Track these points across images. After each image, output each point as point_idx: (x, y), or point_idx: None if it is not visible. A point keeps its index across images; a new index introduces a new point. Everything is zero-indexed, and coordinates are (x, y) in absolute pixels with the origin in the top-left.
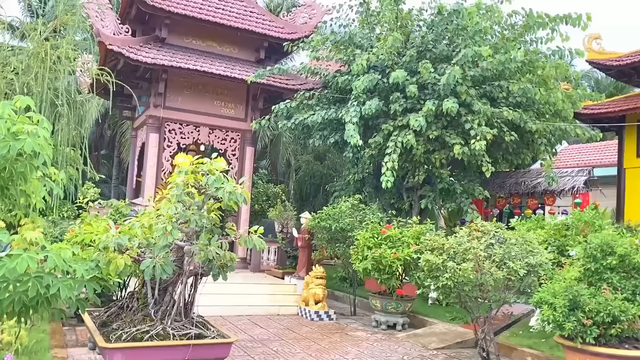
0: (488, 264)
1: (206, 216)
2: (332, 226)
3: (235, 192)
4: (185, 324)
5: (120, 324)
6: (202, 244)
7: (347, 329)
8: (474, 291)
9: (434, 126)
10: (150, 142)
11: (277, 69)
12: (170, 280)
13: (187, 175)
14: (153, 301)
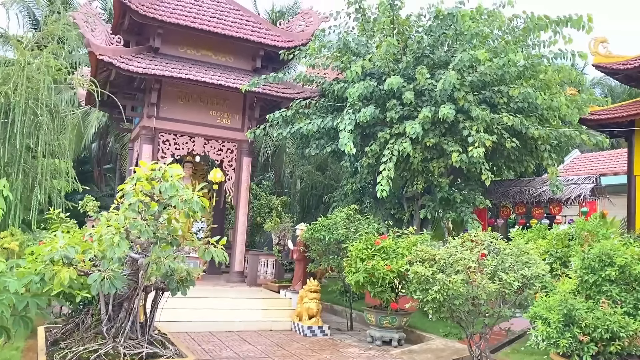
0: (480, 276)
1: (166, 226)
2: (326, 237)
3: (190, 200)
4: (141, 342)
5: (69, 342)
6: (155, 256)
7: (340, 345)
8: (466, 305)
9: (431, 133)
10: (144, 154)
11: (273, 77)
12: (126, 295)
13: (139, 182)
14: (107, 317)
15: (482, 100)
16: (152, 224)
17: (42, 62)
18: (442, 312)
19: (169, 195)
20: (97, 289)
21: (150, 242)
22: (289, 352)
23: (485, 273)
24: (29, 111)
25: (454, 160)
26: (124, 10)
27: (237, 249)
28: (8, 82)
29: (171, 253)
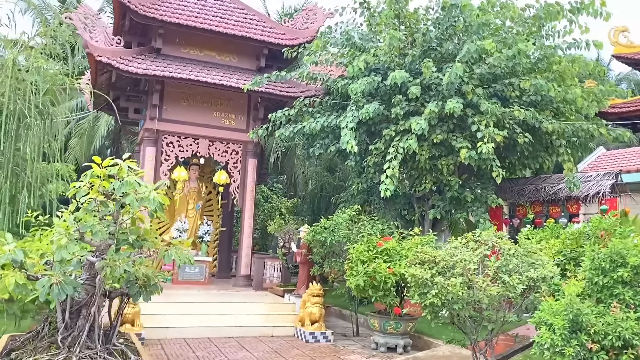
0: (481, 278)
1: (128, 227)
2: (328, 239)
3: (146, 197)
4: (101, 351)
5: (20, 352)
6: (109, 259)
7: (342, 352)
8: (467, 310)
9: (438, 130)
10: (147, 156)
11: (276, 75)
12: (84, 301)
13: (93, 179)
14: (63, 325)
15: (492, 94)
16: (108, 225)
17: (31, 62)
18: (441, 317)
19: (124, 193)
20: (45, 295)
21: (107, 244)
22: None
23: (486, 275)
24: (18, 112)
25: (462, 157)
26: (124, 11)
27: (243, 253)
28: None
29: (126, 256)
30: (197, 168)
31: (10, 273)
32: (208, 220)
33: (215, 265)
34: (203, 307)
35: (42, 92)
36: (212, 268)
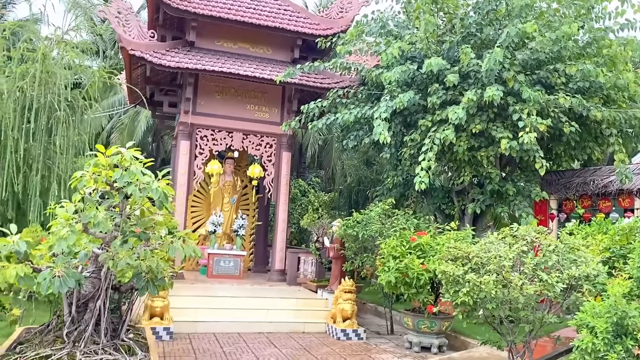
0: (517, 276)
1: (137, 218)
2: (360, 234)
3: (149, 187)
4: (106, 347)
5: (27, 346)
6: (112, 251)
7: (373, 350)
8: (501, 309)
9: (477, 119)
10: (181, 150)
11: (309, 66)
12: (91, 294)
13: (95, 169)
14: (70, 319)
15: (536, 81)
16: (111, 216)
17: (61, 56)
18: (474, 316)
19: (125, 183)
20: (47, 288)
21: (113, 236)
22: (314, 358)
23: (522, 272)
24: (48, 105)
25: (503, 148)
26: (157, 5)
27: (277, 247)
28: (27, 77)
29: (129, 248)
30: (232, 162)
31: (12, 265)
32: (243, 214)
33: (251, 259)
34: (234, 301)
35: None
36: (249, 262)
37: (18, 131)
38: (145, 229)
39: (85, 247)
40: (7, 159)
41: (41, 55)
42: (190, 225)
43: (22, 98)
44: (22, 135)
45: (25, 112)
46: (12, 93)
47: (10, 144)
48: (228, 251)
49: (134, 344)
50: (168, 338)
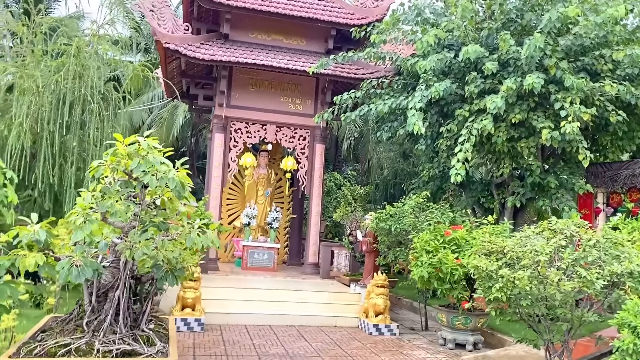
0: (553, 271)
1: (157, 209)
2: (392, 227)
3: (165, 176)
4: (125, 337)
5: (49, 334)
6: (129, 241)
7: (405, 346)
8: (537, 307)
9: (517, 108)
10: (216, 143)
11: (342, 57)
12: (110, 284)
13: (113, 158)
14: (90, 309)
15: (580, 68)
16: (129, 205)
17: (94, 49)
18: (507, 314)
19: (142, 172)
20: (65, 277)
21: (131, 225)
22: (344, 352)
23: (560, 269)
24: (82, 98)
25: (544, 138)
26: None
27: (311, 240)
28: (62, 70)
29: (146, 238)
30: (266, 154)
31: (31, 254)
32: (277, 207)
33: (286, 252)
34: (267, 293)
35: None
36: (283, 255)
37: (54, 124)
38: (164, 219)
39: (106, 237)
40: (43, 151)
41: (75, 49)
42: (226, 218)
43: (57, 91)
44: (57, 128)
45: (60, 105)
46: (47, 86)
47: (46, 136)
48: (262, 244)
49: (153, 334)
50: (199, 329)
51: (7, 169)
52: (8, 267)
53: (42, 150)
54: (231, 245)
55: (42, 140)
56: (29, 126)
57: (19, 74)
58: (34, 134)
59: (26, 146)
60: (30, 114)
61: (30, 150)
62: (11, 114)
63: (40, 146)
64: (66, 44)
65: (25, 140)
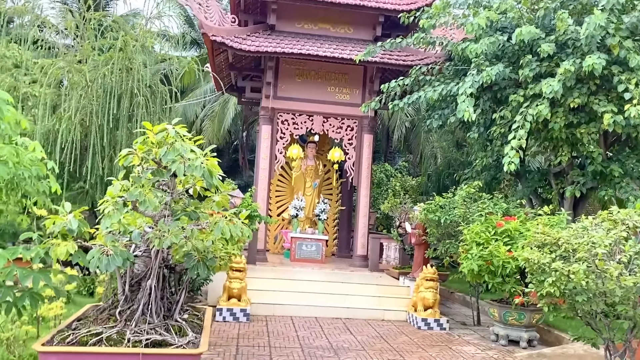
0: (613, 265)
1: (187, 198)
2: (442, 219)
3: (192, 164)
4: (157, 327)
5: (83, 322)
6: (158, 230)
7: (455, 341)
8: (594, 303)
9: (576, 92)
10: (263, 135)
11: (390, 43)
12: (143, 273)
13: (141, 146)
14: (123, 298)
15: None
16: (157, 194)
17: (140, 42)
18: (562, 310)
19: (170, 160)
20: (94, 266)
21: (162, 214)
22: (390, 347)
23: (621, 262)
24: (129, 91)
25: (606, 124)
26: None
27: (359, 232)
28: (109, 64)
29: (175, 227)
30: (314, 145)
31: (63, 243)
32: (325, 199)
33: (335, 244)
34: (313, 285)
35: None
36: (332, 247)
37: (102, 117)
38: (195, 208)
39: (140, 227)
40: (92, 143)
41: (122, 43)
42: (275, 209)
43: (104, 85)
44: (106, 121)
45: (108, 98)
46: (95, 80)
47: (95, 129)
48: (310, 235)
49: (186, 324)
50: (245, 320)
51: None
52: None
53: (91, 143)
54: (280, 237)
55: (92, 133)
56: (79, 120)
57: (68, 68)
58: (84, 127)
59: (76, 139)
60: (79, 107)
61: (81, 143)
62: (62, 108)
63: (90, 139)
64: (114, 39)
65: (75, 133)
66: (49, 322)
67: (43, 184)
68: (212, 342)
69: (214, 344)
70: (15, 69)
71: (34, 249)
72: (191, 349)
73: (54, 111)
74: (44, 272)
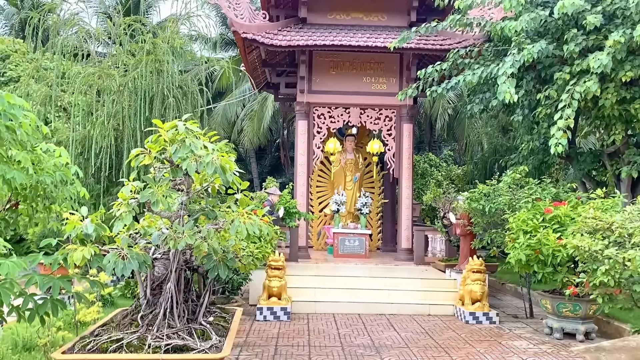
0: None
1: (204, 197)
2: (486, 208)
3: (204, 161)
4: (180, 331)
5: (106, 328)
6: (173, 231)
7: (505, 336)
8: None
9: (628, 65)
10: (299, 130)
11: (425, 28)
12: (164, 276)
13: (152, 145)
14: (145, 302)
15: None
16: (170, 194)
17: (170, 44)
18: (618, 300)
19: (181, 158)
20: (111, 270)
21: (178, 215)
22: (435, 343)
23: None
24: (160, 92)
25: None
26: None
27: (403, 225)
28: (139, 67)
29: (190, 227)
30: (352, 139)
31: (80, 248)
32: (367, 192)
33: (379, 238)
34: (356, 281)
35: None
36: (377, 241)
37: (135, 120)
38: (213, 207)
39: (159, 228)
40: (126, 147)
41: (151, 45)
42: (316, 205)
43: (134, 88)
44: (139, 124)
45: (139, 101)
46: (126, 85)
47: (128, 133)
48: (352, 230)
49: (210, 328)
50: (285, 318)
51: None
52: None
53: (125, 147)
54: (323, 233)
55: (125, 138)
56: (113, 125)
57: (98, 74)
58: (118, 132)
59: (111, 144)
60: (112, 112)
61: (116, 148)
62: (95, 114)
63: (123, 143)
64: (144, 42)
65: (109, 138)
66: (88, 326)
67: (69, 189)
68: (251, 342)
69: (252, 344)
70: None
71: (53, 256)
72: (213, 353)
73: (89, 116)
74: (62, 279)
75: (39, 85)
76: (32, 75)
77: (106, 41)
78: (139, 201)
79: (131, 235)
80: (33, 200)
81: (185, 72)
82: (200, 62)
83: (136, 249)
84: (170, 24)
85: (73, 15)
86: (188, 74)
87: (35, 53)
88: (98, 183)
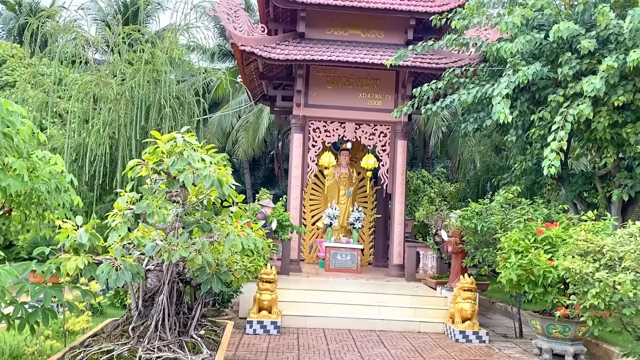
0: None
1: (200, 210)
2: (478, 226)
3: (201, 174)
4: (171, 343)
5: (96, 339)
6: (168, 243)
7: (495, 355)
8: None
9: (620, 90)
10: (294, 143)
11: (422, 46)
12: (156, 288)
13: (149, 157)
14: (137, 313)
15: None
16: (164, 206)
17: (168, 54)
18: (608, 323)
19: (178, 170)
20: (103, 281)
21: (173, 227)
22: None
23: None
24: (157, 102)
25: None
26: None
27: (395, 241)
28: (137, 77)
29: (184, 240)
30: (347, 153)
31: (73, 257)
32: (360, 207)
33: (371, 253)
34: (347, 296)
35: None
36: (369, 256)
37: (131, 129)
38: (208, 220)
39: (153, 240)
40: (121, 156)
41: (149, 55)
42: (309, 219)
43: (131, 97)
44: (134, 133)
45: (136, 110)
46: (123, 93)
47: (123, 142)
48: (344, 244)
49: (201, 341)
50: (276, 332)
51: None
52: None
53: (120, 156)
54: (315, 246)
55: (121, 146)
56: (108, 133)
57: (95, 82)
58: (113, 140)
59: (106, 152)
60: (108, 120)
61: (111, 156)
62: (91, 122)
63: (118, 151)
64: (142, 51)
65: (104, 146)
66: (77, 335)
67: (63, 196)
68: (241, 356)
69: (242, 359)
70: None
71: (46, 264)
72: None
73: (85, 124)
74: (54, 288)
75: (35, 91)
76: (29, 80)
77: (104, 49)
78: (134, 212)
79: (125, 246)
80: (27, 207)
81: (182, 82)
82: (198, 73)
83: (129, 260)
84: (169, 34)
85: (72, 22)
86: (185, 84)
87: (33, 58)
88: (91, 191)
